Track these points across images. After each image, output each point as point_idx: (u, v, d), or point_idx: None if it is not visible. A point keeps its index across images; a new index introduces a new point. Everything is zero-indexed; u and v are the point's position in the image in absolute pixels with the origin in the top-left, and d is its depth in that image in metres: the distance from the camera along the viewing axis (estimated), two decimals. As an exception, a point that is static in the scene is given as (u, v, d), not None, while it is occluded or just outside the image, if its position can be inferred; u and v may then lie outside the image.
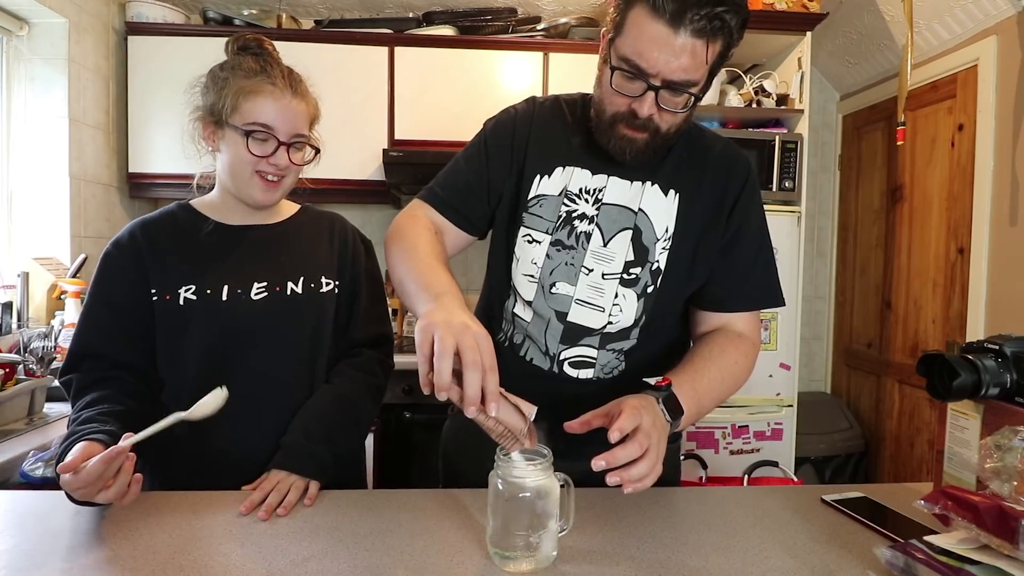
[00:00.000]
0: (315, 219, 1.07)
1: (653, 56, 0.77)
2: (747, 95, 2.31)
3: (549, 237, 0.94)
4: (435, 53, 2.42)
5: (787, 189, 2.22)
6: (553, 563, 0.67)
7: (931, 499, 0.64)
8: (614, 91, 0.83)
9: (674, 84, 0.79)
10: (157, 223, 0.97)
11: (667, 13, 0.74)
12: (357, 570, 0.65)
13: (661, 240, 0.92)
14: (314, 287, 0.99)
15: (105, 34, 2.30)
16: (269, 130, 0.91)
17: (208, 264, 0.94)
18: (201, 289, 0.92)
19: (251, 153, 0.91)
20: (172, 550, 0.68)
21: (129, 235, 0.94)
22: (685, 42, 0.75)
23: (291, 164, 0.94)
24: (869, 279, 2.74)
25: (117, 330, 0.91)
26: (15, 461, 1.14)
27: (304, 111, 0.95)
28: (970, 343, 0.80)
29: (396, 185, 2.39)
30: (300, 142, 0.95)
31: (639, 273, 0.92)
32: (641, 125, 0.84)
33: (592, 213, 0.93)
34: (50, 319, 2.04)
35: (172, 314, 0.91)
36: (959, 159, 2.20)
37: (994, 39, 2.02)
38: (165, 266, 0.93)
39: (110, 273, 0.92)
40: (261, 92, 0.90)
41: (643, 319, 0.94)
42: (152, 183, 2.39)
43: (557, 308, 0.94)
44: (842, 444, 2.60)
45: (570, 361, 0.95)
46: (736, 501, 0.86)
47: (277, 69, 0.93)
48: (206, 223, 0.97)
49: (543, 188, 0.95)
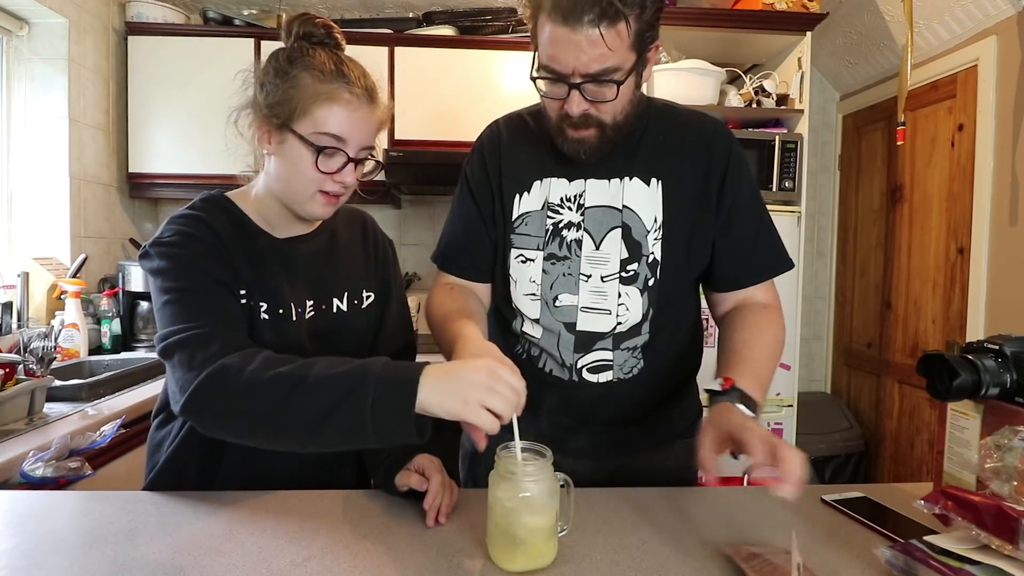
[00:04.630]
0: (348, 220, 1.00)
1: (562, 57, 0.78)
2: (747, 95, 2.31)
3: (541, 253, 0.94)
4: (435, 53, 2.42)
5: (787, 189, 2.21)
6: (553, 563, 0.67)
7: (931, 499, 0.64)
8: (548, 98, 0.85)
9: (594, 76, 0.79)
10: (216, 219, 0.84)
11: (562, 13, 0.76)
12: (357, 570, 0.65)
13: (652, 231, 0.92)
14: (357, 303, 0.95)
15: (105, 34, 2.29)
16: (340, 143, 0.80)
17: (274, 281, 0.85)
18: (273, 308, 0.84)
19: (318, 170, 0.80)
20: (172, 550, 0.68)
21: (194, 227, 0.81)
22: (586, 35, 0.76)
23: (356, 181, 0.84)
24: (869, 279, 2.74)
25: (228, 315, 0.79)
26: (15, 461, 1.14)
27: (377, 122, 0.84)
28: (970, 343, 0.79)
29: (396, 185, 2.39)
30: (365, 157, 0.85)
31: (636, 268, 0.92)
32: (582, 123, 0.84)
33: (578, 219, 0.93)
34: (50, 319, 2.04)
35: (251, 322, 0.82)
36: (959, 159, 2.20)
37: (994, 39, 2.01)
38: (243, 269, 0.82)
39: (197, 262, 0.78)
40: (338, 100, 0.79)
41: (650, 312, 0.94)
42: (152, 183, 2.39)
43: (565, 320, 0.94)
44: (842, 444, 2.60)
45: (588, 367, 0.96)
46: (736, 501, 0.86)
47: (354, 71, 0.82)
48: (259, 236, 0.87)
49: (525, 206, 0.96)
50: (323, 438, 0.67)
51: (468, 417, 0.64)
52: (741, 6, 2.30)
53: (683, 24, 2.22)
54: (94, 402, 1.53)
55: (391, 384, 0.65)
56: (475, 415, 0.64)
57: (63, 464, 1.15)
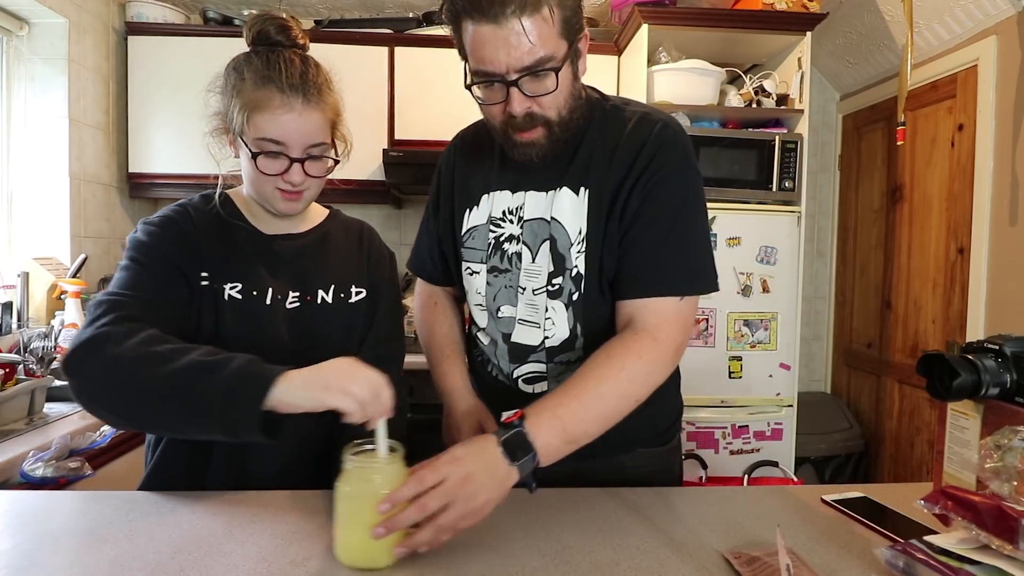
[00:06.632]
0: (344, 227, 1.03)
1: (492, 56, 0.76)
2: (747, 95, 2.31)
3: (484, 266, 0.96)
4: (435, 53, 2.42)
5: (787, 189, 2.21)
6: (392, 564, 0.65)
7: (931, 499, 0.64)
8: (488, 104, 0.83)
9: (528, 69, 0.77)
10: (200, 210, 0.90)
11: (482, 11, 0.74)
12: (357, 570, 0.65)
13: (576, 244, 0.88)
14: (344, 296, 0.96)
15: (105, 34, 2.30)
16: (280, 146, 0.83)
17: (250, 266, 0.89)
18: (246, 290, 0.87)
19: (261, 171, 0.84)
20: (172, 550, 0.68)
21: (178, 214, 0.88)
22: (512, 27, 0.74)
23: (308, 178, 0.86)
24: (869, 279, 2.74)
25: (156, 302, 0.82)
26: (15, 461, 1.14)
27: (320, 119, 0.85)
28: (970, 343, 0.79)
29: (396, 185, 2.39)
30: (316, 154, 0.86)
31: (561, 282, 0.89)
32: (527, 124, 0.82)
33: (517, 232, 0.92)
34: (50, 319, 2.04)
35: (215, 304, 0.85)
36: (959, 159, 2.20)
37: (994, 39, 2.01)
38: (214, 255, 0.87)
39: (161, 245, 0.84)
40: (269, 105, 0.81)
41: (577, 327, 0.90)
42: (152, 183, 2.39)
43: (503, 331, 0.95)
44: (842, 444, 2.60)
45: (523, 378, 0.96)
46: (736, 501, 0.86)
47: (287, 71, 0.82)
48: (241, 228, 0.92)
49: (472, 220, 0.97)
50: (168, 418, 0.70)
51: (330, 401, 0.66)
52: (741, 6, 2.30)
53: (683, 24, 2.22)
54: (94, 402, 1.52)
55: (247, 376, 0.68)
56: (336, 399, 0.66)
57: (63, 464, 1.16)
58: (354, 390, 0.67)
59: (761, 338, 2.24)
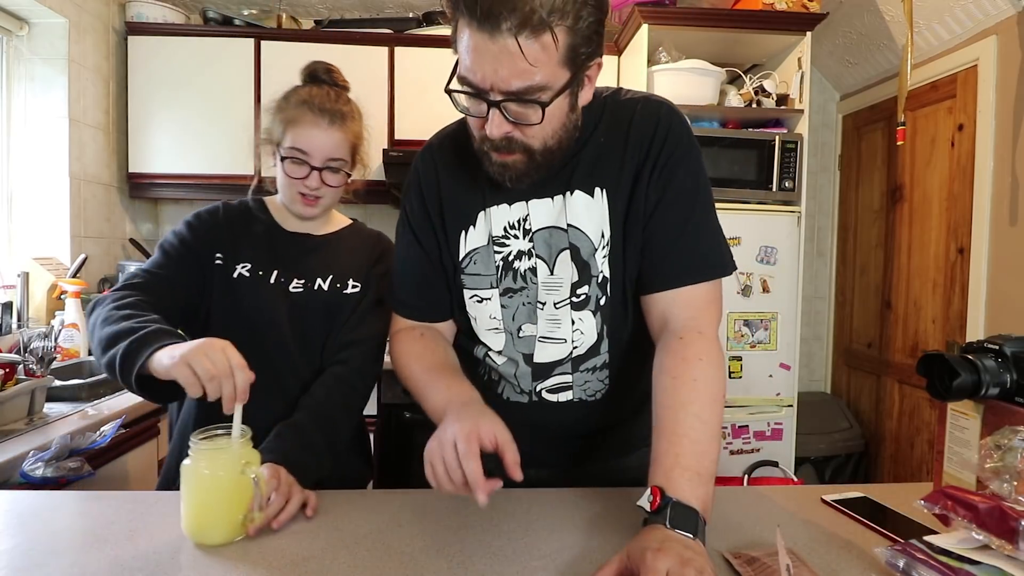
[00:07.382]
0: (360, 234, 1.15)
1: (478, 68, 0.67)
2: (747, 95, 2.31)
3: (496, 290, 0.87)
4: (435, 53, 2.42)
5: (787, 189, 2.21)
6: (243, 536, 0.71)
7: (931, 499, 0.64)
8: (468, 115, 0.75)
9: (514, 95, 0.68)
10: (232, 206, 1.09)
11: (478, 17, 0.64)
12: (357, 570, 0.65)
13: (600, 248, 0.82)
14: (340, 287, 1.05)
15: (105, 34, 2.30)
16: (304, 155, 1.00)
17: (262, 252, 1.04)
18: (254, 269, 1.02)
19: (287, 175, 1.01)
20: (172, 550, 0.68)
21: (212, 209, 1.07)
22: (505, 45, 0.64)
23: (323, 185, 1.02)
24: (869, 279, 2.74)
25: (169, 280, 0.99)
26: (15, 461, 1.14)
27: (341, 138, 1.02)
28: (970, 343, 0.79)
29: (396, 185, 2.38)
30: (334, 167, 1.02)
31: (587, 291, 0.84)
32: (505, 147, 0.73)
33: (527, 247, 0.84)
34: (50, 319, 2.04)
35: (227, 281, 1.00)
36: (959, 159, 2.20)
37: (994, 39, 2.02)
38: (233, 241, 1.03)
39: (188, 233, 1.02)
40: (301, 121, 1.00)
41: (604, 329, 0.87)
42: (152, 183, 2.39)
43: (524, 351, 0.88)
44: (842, 444, 2.60)
45: (547, 389, 0.90)
46: (736, 501, 0.86)
47: (321, 99, 1.01)
48: (264, 223, 1.08)
49: (471, 242, 0.87)
50: (105, 368, 0.83)
51: (173, 372, 0.72)
52: (741, 6, 2.30)
53: (683, 24, 2.22)
54: (94, 402, 1.53)
55: (142, 340, 0.79)
56: (177, 370, 0.72)
57: (63, 464, 1.16)
58: (198, 366, 0.71)
59: (761, 338, 2.24)
